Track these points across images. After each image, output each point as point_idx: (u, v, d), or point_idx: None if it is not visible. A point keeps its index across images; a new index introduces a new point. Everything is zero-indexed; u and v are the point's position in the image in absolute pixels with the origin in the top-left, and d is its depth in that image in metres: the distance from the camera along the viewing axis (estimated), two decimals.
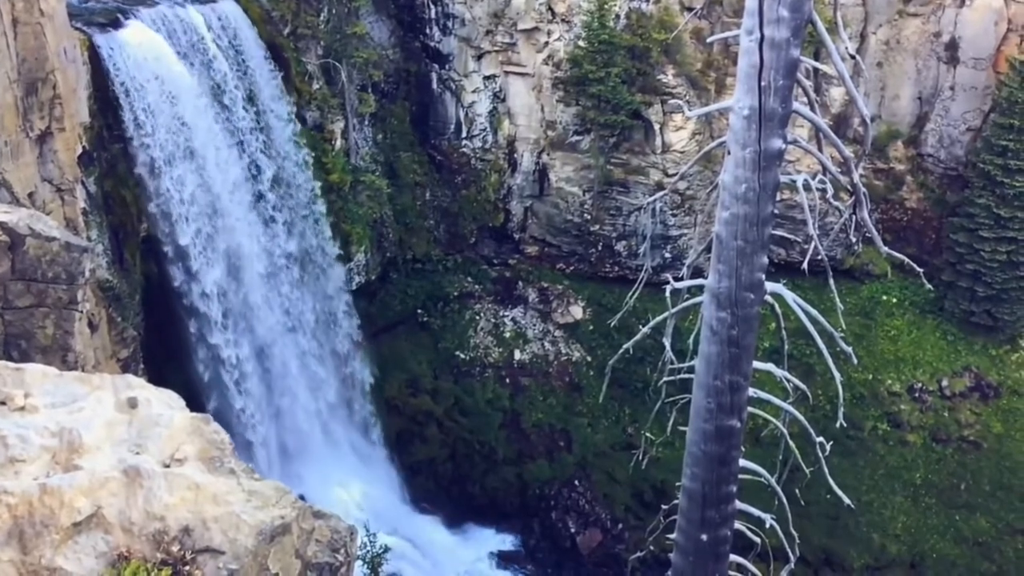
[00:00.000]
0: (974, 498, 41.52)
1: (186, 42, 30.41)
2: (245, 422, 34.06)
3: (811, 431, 15.27)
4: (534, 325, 46.09)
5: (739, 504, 15.33)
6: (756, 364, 14.46)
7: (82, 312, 19.21)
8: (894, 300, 45.26)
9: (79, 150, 26.32)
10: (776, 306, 14.59)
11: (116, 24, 28.48)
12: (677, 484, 15.66)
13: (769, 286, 13.61)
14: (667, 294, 14.75)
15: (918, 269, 15.22)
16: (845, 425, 16.86)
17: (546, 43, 43.19)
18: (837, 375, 15.17)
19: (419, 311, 45.38)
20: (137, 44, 28.30)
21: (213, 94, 31.52)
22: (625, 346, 16.44)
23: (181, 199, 29.92)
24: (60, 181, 25.43)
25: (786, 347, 16.43)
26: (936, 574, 40.11)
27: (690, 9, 41.72)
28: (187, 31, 30.55)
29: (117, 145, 28.66)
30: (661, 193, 19.25)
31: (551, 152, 44.98)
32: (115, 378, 10.25)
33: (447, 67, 44.60)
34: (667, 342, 15.70)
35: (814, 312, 14.16)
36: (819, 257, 13.98)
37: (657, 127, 43.17)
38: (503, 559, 41.62)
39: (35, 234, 17.48)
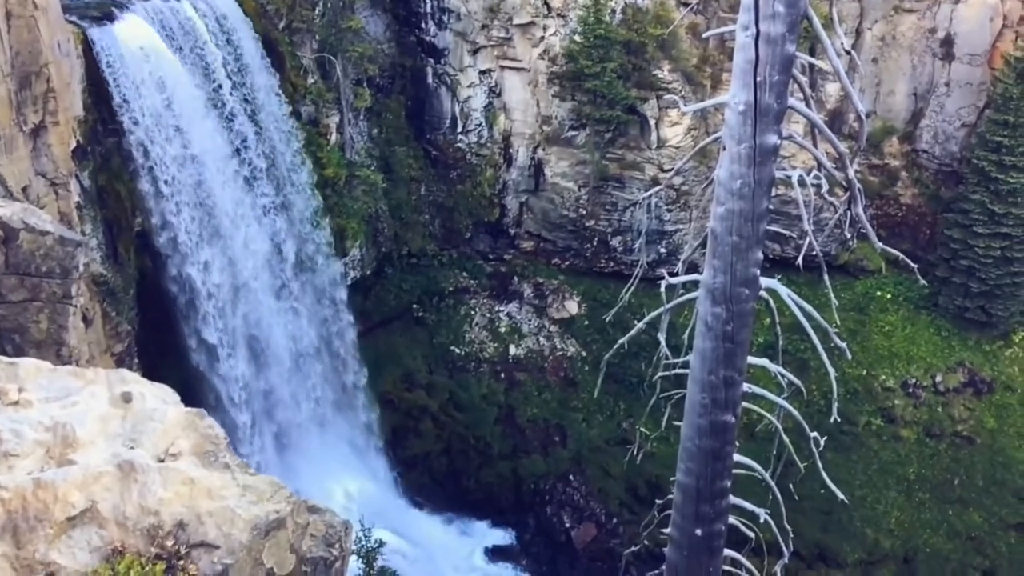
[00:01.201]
0: (967, 493, 41.68)
1: (181, 36, 30.31)
2: (239, 416, 34.01)
3: (805, 426, 15.31)
4: (529, 320, 46.11)
5: (733, 499, 15.38)
6: (751, 359, 14.50)
7: (76, 306, 19.18)
8: (888, 296, 45.37)
9: (73, 144, 26.23)
10: (771, 301, 14.62)
11: (110, 18, 28.37)
12: (671, 479, 15.71)
13: (764, 281, 13.64)
14: (662, 289, 14.77)
15: (912, 265, 15.27)
16: (839, 420, 16.94)
17: (542, 38, 43.14)
18: (831, 370, 15.23)
19: (414, 306, 45.37)
20: (131, 38, 28.20)
21: (207, 87, 31.42)
22: (620, 341, 16.48)
23: (174, 192, 29.82)
24: (54, 175, 25.36)
25: (780, 342, 16.49)
26: (929, 569, 40.27)
27: (686, 4, 41.71)
28: (182, 25, 30.45)
29: (111, 139, 28.58)
30: (656, 188, 19.30)
31: (547, 147, 44.97)
32: (109, 372, 10.24)
33: (442, 62, 44.52)
34: (662, 337, 15.72)
35: (809, 307, 14.20)
36: (814, 253, 14.01)
37: (653, 122, 43.17)
38: (498, 554, 41.68)
39: (29, 228, 17.44)
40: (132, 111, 28.02)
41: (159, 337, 31.58)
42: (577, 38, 41.87)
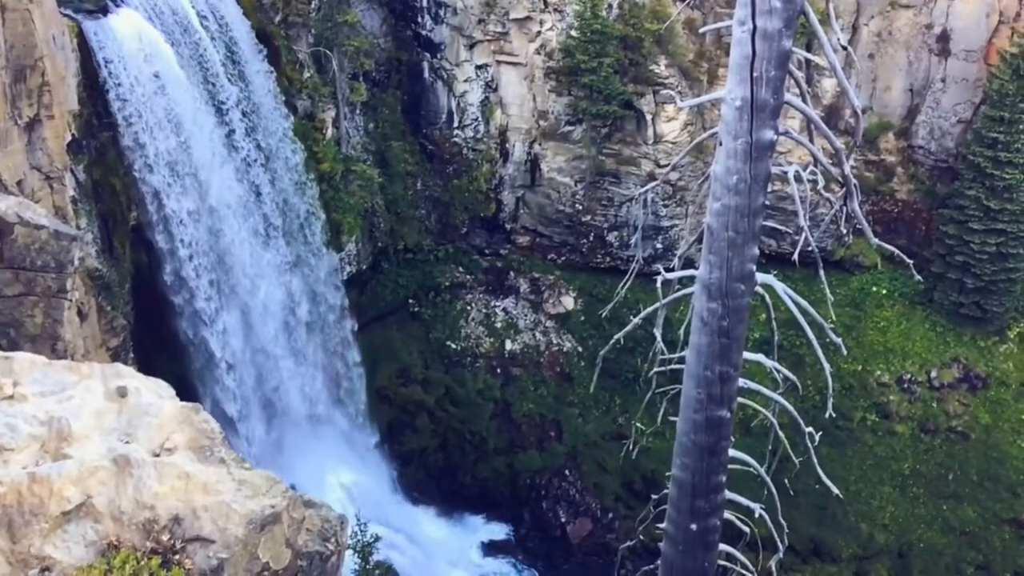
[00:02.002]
0: (961, 488, 41.82)
1: (176, 29, 30.22)
2: (235, 411, 33.99)
3: (800, 421, 15.34)
4: (525, 315, 46.12)
5: (728, 494, 15.41)
6: (746, 355, 14.51)
7: (71, 301, 19.14)
8: (884, 291, 45.44)
9: (68, 138, 26.15)
10: (766, 297, 14.64)
11: (105, 11, 28.27)
12: (667, 474, 15.73)
13: (760, 277, 13.65)
14: (658, 285, 14.77)
15: (908, 260, 15.29)
16: (834, 415, 16.97)
17: (538, 32, 43.09)
18: (827, 366, 15.24)
19: (410, 301, 45.35)
20: (126, 31, 28.11)
21: (202, 80, 31.34)
22: (616, 336, 16.47)
23: (169, 184, 29.75)
24: (49, 169, 25.29)
25: (776, 338, 16.49)
26: (923, 563, 40.42)
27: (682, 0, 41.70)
28: (176, 17, 30.35)
29: (106, 133, 28.49)
30: (653, 184, 19.30)
31: (543, 142, 44.93)
32: (104, 367, 10.23)
33: (439, 56, 44.45)
34: (658, 333, 15.73)
35: (804, 303, 14.22)
36: (810, 248, 14.03)
37: (649, 117, 43.15)
38: (493, 548, 41.75)
39: (24, 222, 17.39)
40: (127, 104, 27.94)
41: (154, 332, 31.54)
42: (574, 33, 41.83)
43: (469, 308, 45.95)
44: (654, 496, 17.01)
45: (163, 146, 29.34)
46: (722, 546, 16.02)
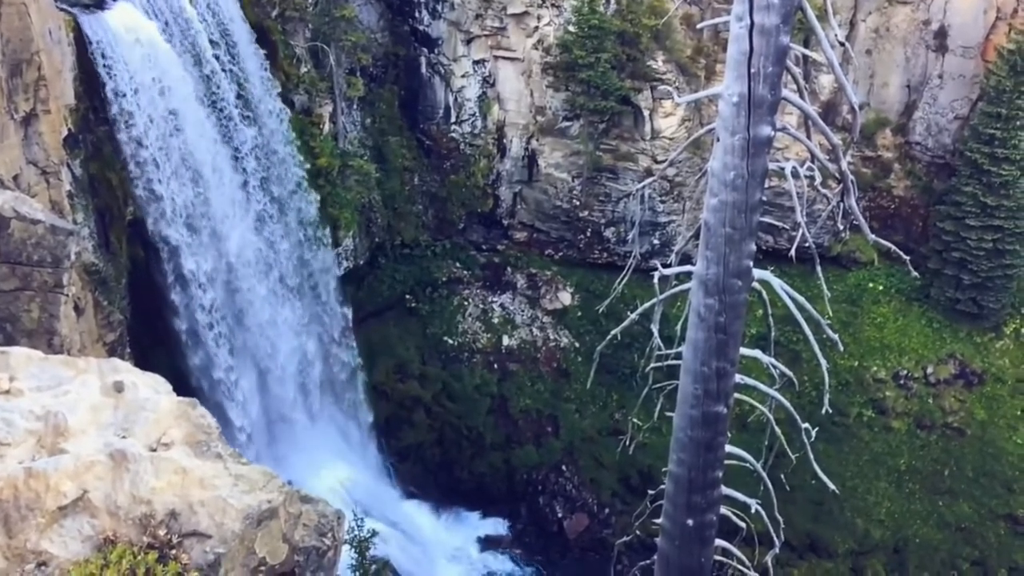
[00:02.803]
0: (957, 484, 41.92)
1: (173, 23, 30.14)
2: (232, 407, 33.98)
3: (797, 417, 15.37)
4: (522, 311, 46.13)
5: (725, 489, 15.43)
6: (743, 350, 14.53)
7: (68, 295, 19.13)
8: (880, 287, 45.50)
9: (64, 132, 26.09)
10: (763, 293, 14.66)
11: (101, 5, 28.18)
12: (663, 469, 15.75)
13: (757, 273, 13.66)
14: (655, 281, 14.77)
15: (904, 257, 15.30)
16: (830, 411, 16.98)
17: (536, 28, 43.03)
18: (823, 362, 15.26)
19: (407, 296, 45.34)
20: (123, 25, 28.03)
21: (199, 73, 31.28)
22: (613, 332, 16.48)
23: (164, 176, 29.69)
24: (45, 164, 25.23)
25: (773, 334, 16.52)
26: (919, 559, 40.53)
27: None
28: (173, 12, 30.26)
29: (103, 127, 28.42)
30: (650, 179, 19.26)
31: (540, 138, 44.90)
32: (101, 362, 10.22)
33: (436, 51, 44.39)
34: (655, 328, 15.74)
35: (801, 299, 14.23)
36: (806, 244, 14.03)
37: (646, 113, 43.14)
38: (490, 543, 41.82)
39: (20, 217, 17.37)
40: (124, 99, 27.86)
41: (151, 327, 31.50)
42: (571, 28, 41.78)
43: (466, 304, 45.96)
44: (651, 492, 17.04)
45: (161, 143, 29.29)
46: (718, 541, 16.06)
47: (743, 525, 16.57)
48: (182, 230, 30.68)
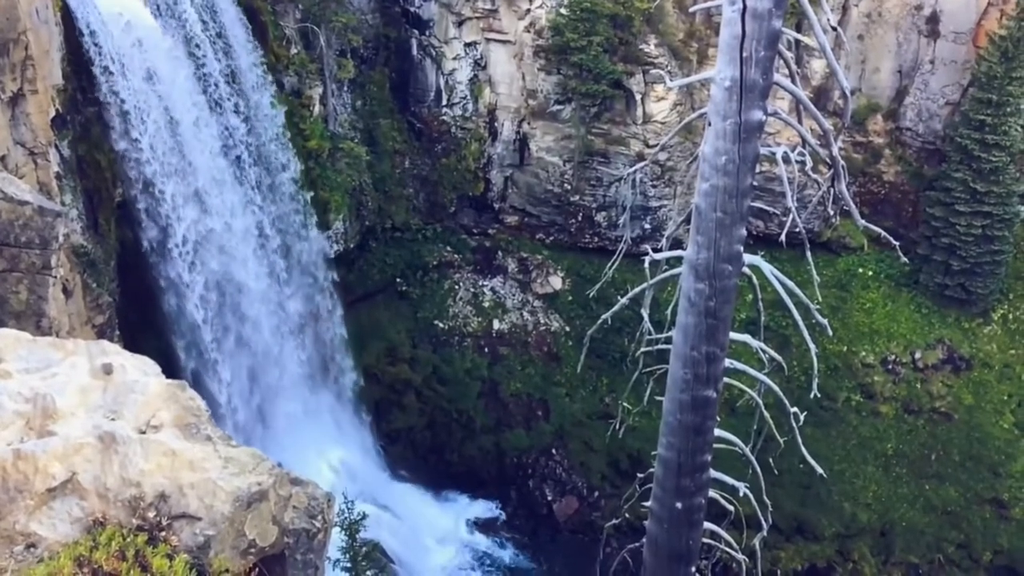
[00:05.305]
0: (944, 468, 42.25)
1: (163, 4, 29.87)
2: (222, 389, 33.92)
3: (786, 401, 15.44)
4: (513, 295, 46.13)
5: (713, 473, 15.53)
6: (733, 335, 14.58)
7: (56, 277, 19.04)
8: (870, 273, 45.66)
9: (52, 113, 25.88)
10: (753, 278, 14.70)
11: None
12: (653, 453, 15.83)
13: (747, 258, 13.69)
14: (646, 265, 14.79)
15: (894, 242, 15.37)
16: (819, 396, 17.09)
17: (528, 10, 42.80)
18: (812, 347, 15.33)
19: (398, 280, 45.27)
20: (110, 4, 27.75)
21: (188, 53, 31.04)
22: (603, 316, 16.52)
23: (153, 159, 29.50)
24: (33, 145, 25.03)
25: (762, 318, 16.57)
26: (905, 542, 40.89)
27: None
28: None
29: (91, 108, 28.19)
30: (641, 164, 19.26)
31: (532, 121, 44.77)
32: (90, 344, 10.17)
33: (427, 33, 44.12)
34: (645, 313, 15.77)
35: (791, 284, 14.28)
36: (797, 229, 14.09)
37: (638, 97, 43.03)
38: (480, 526, 41.98)
39: (7, 198, 17.25)
40: (112, 79, 27.63)
41: (140, 309, 31.37)
42: (563, 11, 41.58)
43: (457, 287, 45.92)
44: (640, 475, 17.14)
45: (151, 125, 29.07)
46: (707, 524, 16.17)
47: (731, 508, 16.69)
48: (176, 212, 30.51)
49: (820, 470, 16.98)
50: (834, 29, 13.02)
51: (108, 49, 27.21)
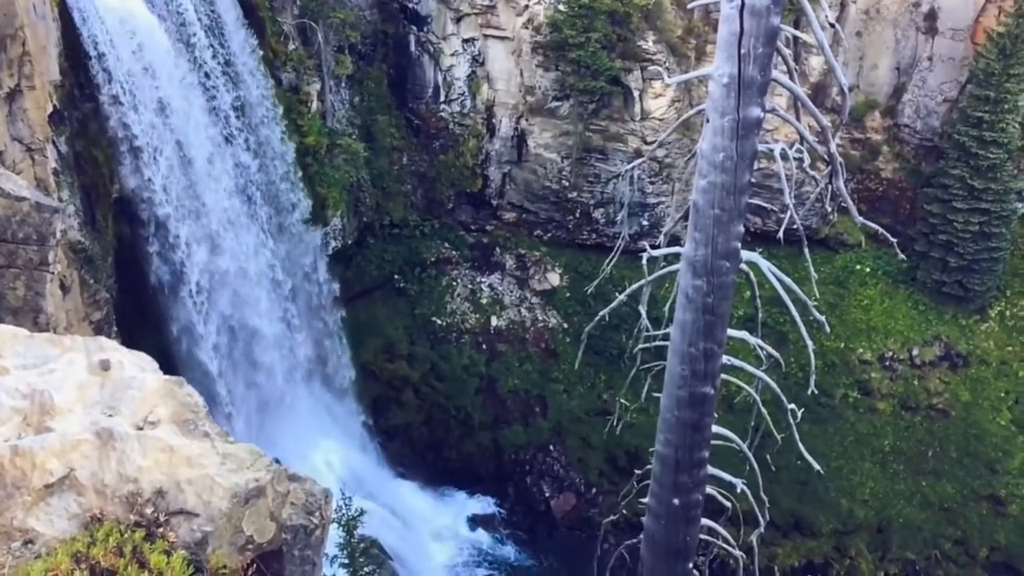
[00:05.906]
0: (941, 465, 42.34)
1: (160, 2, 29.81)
2: (220, 385, 33.90)
3: (783, 398, 15.45)
4: (511, 291, 46.13)
5: (711, 469, 15.54)
6: (730, 332, 14.58)
7: (53, 273, 19.01)
8: (867, 270, 45.70)
9: (49, 109, 25.82)
10: (751, 274, 14.70)
11: None
12: (650, 450, 15.84)
13: (745, 254, 13.69)
14: (644, 262, 14.79)
15: (892, 239, 15.36)
16: (816, 392, 17.11)
17: (526, 6, 42.75)
18: (810, 343, 15.34)
19: (396, 276, 45.26)
20: (109, 1, 27.68)
21: (185, 48, 30.98)
22: (601, 313, 16.50)
23: (153, 156, 29.46)
24: (30, 140, 24.98)
25: (760, 315, 16.59)
26: (902, 539, 40.98)
27: None
28: None
29: (89, 104, 28.14)
30: (639, 160, 19.25)
31: (530, 118, 44.73)
32: (87, 340, 10.16)
33: (425, 29, 44.06)
34: (643, 309, 15.77)
35: (788, 281, 14.28)
36: (795, 226, 14.07)
37: (636, 94, 43.00)
38: (478, 523, 42.03)
39: (5, 194, 17.22)
40: (109, 74, 27.58)
41: (138, 305, 31.33)
42: (561, 7, 41.53)
43: (455, 284, 45.91)
44: (637, 471, 17.14)
45: (147, 119, 29.02)
46: (704, 520, 16.18)
47: (729, 505, 16.71)
48: (174, 213, 30.49)
49: (817, 467, 16.99)
50: (832, 26, 13.02)
51: (100, 36, 27.13)
